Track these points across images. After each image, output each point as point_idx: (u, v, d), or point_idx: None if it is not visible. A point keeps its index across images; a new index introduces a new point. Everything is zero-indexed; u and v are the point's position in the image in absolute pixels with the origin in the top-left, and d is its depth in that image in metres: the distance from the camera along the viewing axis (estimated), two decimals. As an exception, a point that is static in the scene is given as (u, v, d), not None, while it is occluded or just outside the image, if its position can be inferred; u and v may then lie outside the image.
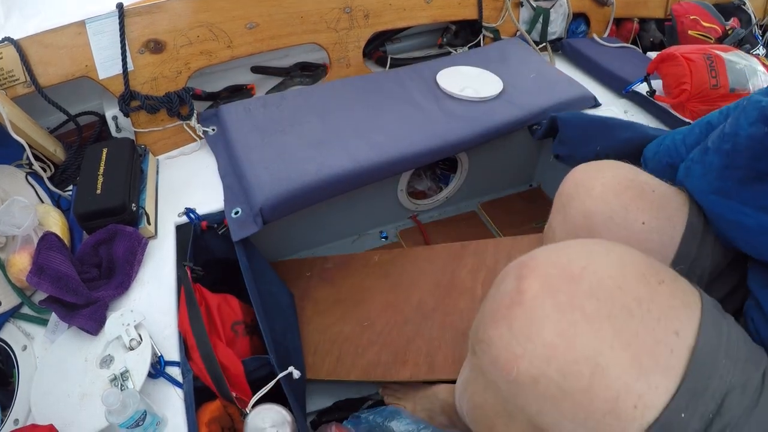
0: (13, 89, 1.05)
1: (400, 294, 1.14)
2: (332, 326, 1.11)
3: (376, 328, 1.08)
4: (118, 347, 0.77)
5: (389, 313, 1.10)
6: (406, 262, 1.21)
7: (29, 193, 1.02)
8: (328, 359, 1.05)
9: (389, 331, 1.07)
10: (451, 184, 1.47)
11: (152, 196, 1.04)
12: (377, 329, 1.08)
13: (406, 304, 1.11)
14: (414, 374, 0.99)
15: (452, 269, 1.15)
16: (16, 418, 0.73)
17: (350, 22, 1.31)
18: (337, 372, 1.03)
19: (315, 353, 1.07)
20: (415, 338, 1.04)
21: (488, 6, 1.47)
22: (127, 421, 0.64)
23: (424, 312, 1.08)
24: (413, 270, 1.19)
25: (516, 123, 1.19)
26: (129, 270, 0.89)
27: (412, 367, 1.00)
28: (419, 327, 1.06)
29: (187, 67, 1.17)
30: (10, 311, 0.86)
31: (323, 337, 1.10)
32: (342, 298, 1.17)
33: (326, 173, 1.01)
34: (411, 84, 1.29)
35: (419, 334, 1.04)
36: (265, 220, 0.97)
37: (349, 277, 1.22)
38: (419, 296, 1.12)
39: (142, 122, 1.15)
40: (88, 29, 1.07)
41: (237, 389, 0.77)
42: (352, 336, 1.08)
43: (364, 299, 1.15)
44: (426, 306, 1.09)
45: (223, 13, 1.18)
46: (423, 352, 1.01)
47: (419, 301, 1.11)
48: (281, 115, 1.17)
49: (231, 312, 0.91)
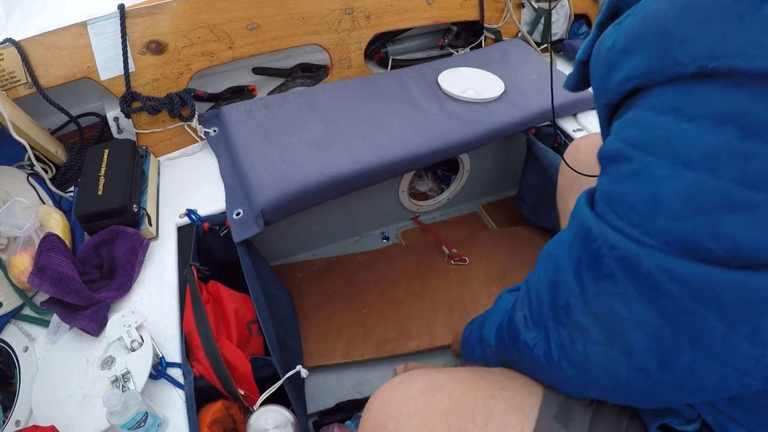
0: (14, 90, 1.05)
1: (388, 283, 1.31)
2: (334, 316, 1.22)
3: (375, 312, 1.23)
4: (119, 348, 0.76)
5: (384, 300, 1.26)
6: (386, 258, 1.38)
7: (31, 194, 1.02)
8: (339, 344, 1.17)
9: (388, 313, 1.23)
10: (452, 186, 1.48)
11: (153, 197, 1.04)
12: (377, 313, 1.23)
13: (397, 291, 1.28)
14: (419, 345, 1.16)
15: (428, 259, 1.37)
16: (17, 419, 0.73)
17: (351, 24, 1.31)
18: (350, 354, 1.16)
19: (325, 341, 1.18)
20: (412, 315, 1.22)
21: (490, 7, 1.47)
22: (129, 422, 0.64)
23: (414, 294, 1.27)
24: (395, 263, 1.36)
25: (517, 124, 1.19)
26: (130, 271, 0.89)
27: (417, 339, 1.17)
28: (413, 306, 1.24)
29: (189, 68, 1.17)
30: (11, 312, 0.86)
31: (328, 326, 1.20)
32: (336, 293, 1.29)
33: (328, 174, 1.01)
34: (412, 85, 1.29)
35: (415, 311, 1.23)
36: (266, 222, 0.97)
37: (338, 275, 1.33)
38: (406, 283, 1.30)
39: (143, 123, 1.15)
40: (90, 30, 1.07)
41: (244, 388, 0.77)
42: (356, 322, 1.21)
43: (357, 291, 1.29)
44: (414, 289, 1.29)
45: (225, 14, 1.18)
46: (423, 325, 1.20)
47: (407, 286, 1.30)
48: (283, 117, 1.17)
49: (248, 310, 0.91)
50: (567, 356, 0.53)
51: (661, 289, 0.42)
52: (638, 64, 0.42)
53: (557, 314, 0.53)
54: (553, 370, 0.56)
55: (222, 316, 0.86)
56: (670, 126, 0.40)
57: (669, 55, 0.39)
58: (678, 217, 0.40)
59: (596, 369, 0.50)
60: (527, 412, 0.60)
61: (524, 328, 0.60)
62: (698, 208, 0.39)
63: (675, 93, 0.40)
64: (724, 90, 0.37)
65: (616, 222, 0.45)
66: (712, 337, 0.41)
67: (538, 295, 0.57)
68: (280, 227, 1.20)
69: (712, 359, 0.42)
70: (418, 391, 0.63)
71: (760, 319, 0.39)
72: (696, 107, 0.38)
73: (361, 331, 1.19)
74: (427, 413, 0.61)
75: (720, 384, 0.44)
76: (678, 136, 0.39)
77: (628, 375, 0.48)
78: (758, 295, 0.38)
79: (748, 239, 0.37)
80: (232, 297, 0.89)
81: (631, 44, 0.43)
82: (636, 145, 0.43)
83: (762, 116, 0.35)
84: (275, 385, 0.78)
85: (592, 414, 0.59)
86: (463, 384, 0.64)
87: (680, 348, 0.43)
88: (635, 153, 0.43)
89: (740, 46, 0.35)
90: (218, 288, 0.89)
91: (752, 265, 0.38)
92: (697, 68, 0.37)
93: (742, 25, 0.35)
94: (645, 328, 0.45)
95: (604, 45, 0.48)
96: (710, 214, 0.38)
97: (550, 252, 0.57)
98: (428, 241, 1.43)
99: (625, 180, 0.44)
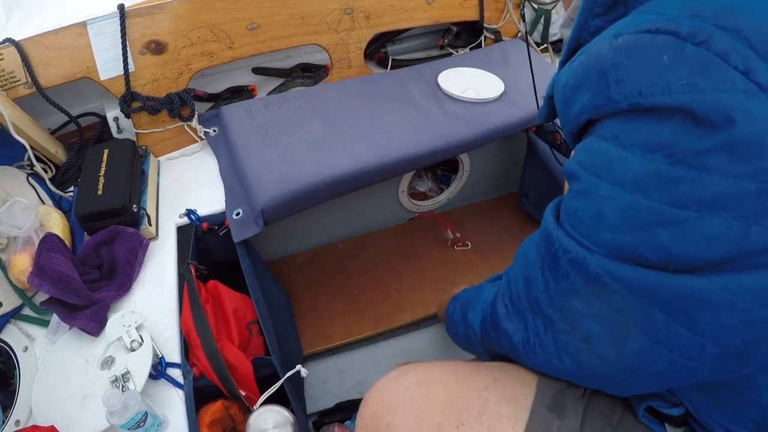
0: (14, 90, 1.05)
1: (373, 268, 1.36)
2: (328, 303, 1.27)
3: (366, 294, 1.29)
4: (119, 348, 0.76)
5: (372, 282, 1.32)
6: (367, 244, 1.43)
7: (30, 194, 1.02)
8: (337, 327, 1.22)
9: (379, 293, 1.30)
10: (452, 186, 1.47)
11: (153, 197, 1.04)
12: (368, 295, 1.29)
13: (383, 273, 1.35)
14: (413, 315, 1.24)
15: (407, 241, 1.43)
16: (17, 419, 0.73)
17: (351, 24, 1.31)
18: (350, 334, 1.20)
19: (323, 327, 1.22)
20: (402, 292, 1.29)
21: (489, 7, 1.47)
22: (129, 422, 0.64)
23: (398, 273, 1.34)
24: (377, 249, 1.41)
25: (517, 124, 1.19)
26: (130, 271, 0.89)
27: (410, 311, 1.25)
28: (400, 284, 1.31)
29: (189, 68, 1.17)
30: (11, 312, 0.86)
31: (324, 311, 1.25)
32: (325, 282, 1.33)
33: (327, 174, 1.01)
34: (412, 85, 1.29)
35: (403, 288, 1.30)
36: (266, 221, 0.97)
37: (323, 265, 1.37)
38: (389, 265, 1.37)
39: (143, 123, 1.15)
40: (89, 30, 1.07)
41: (245, 388, 0.77)
42: (349, 305, 1.27)
43: (345, 277, 1.34)
44: (398, 269, 1.36)
45: (225, 14, 1.18)
46: (413, 298, 1.28)
47: (391, 268, 1.36)
48: (282, 117, 1.17)
49: (248, 311, 0.91)
50: (541, 342, 0.58)
51: (607, 288, 0.48)
52: (586, 100, 0.48)
53: (532, 305, 0.59)
54: (530, 355, 0.60)
55: (222, 317, 0.86)
56: (610, 152, 0.46)
57: (607, 94, 0.45)
58: (617, 230, 0.46)
59: (564, 355, 0.56)
60: (521, 403, 0.61)
61: (504, 317, 0.65)
62: (634, 224, 0.45)
63: (616, 124, 0.46)
64: (655, 123, 0.42)
65: (570, 230, 0.52)
66: (657, 324, 0.47)
67: (517, 289, 0.62)
68: (279, 227, 1.20)
69: (659, 345, 0.47)
70: (414, 383, 0.66)
71: (694, 313, 0.45)
72: (630, 137, 0.44)
73: (357, 312, 1.25)
74: (422, 405, 0.63)
75: (671, 369, 0.49)
76: (617, 161, 0.46)
77: (589, 361, 0.53)
78: (689, 293, 0.44)
79: (677, 249, 0.43)
80: (232, 297, 0.89)
81: (579, 83, 0.49)
82: (585, 167, 0.49)
83: (686, 146, 0.41)
84: (275, 386, 0.78)
85: (585, 404, 0.61)
86: (458, 376, 0.66)
87: (629, 333, 0.49)
88: (584, 173, 0.49)
89: (666, 85, 0.41)
90: (218, 288, 0.89)
91: (683, 269, 0.44)
92: (629, 105, 0.43)
93: (668, 66, 0.40)
94: (598, 319, 0.51)
95: (560, 82, 0.54)
96: (644, 230, 0.44)
97: (524, 249, 0.63)
98: (404, 226, 1.49)
99: (576, 196, 0.51)
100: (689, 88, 0.39)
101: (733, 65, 0.38)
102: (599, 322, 0.51)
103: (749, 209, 0.40)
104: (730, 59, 0.38)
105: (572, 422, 0.59)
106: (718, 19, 0.39)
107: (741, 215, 0.40)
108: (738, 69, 0.38)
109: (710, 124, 0.39)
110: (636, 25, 0.44)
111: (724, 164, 0.39)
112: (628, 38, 0.44)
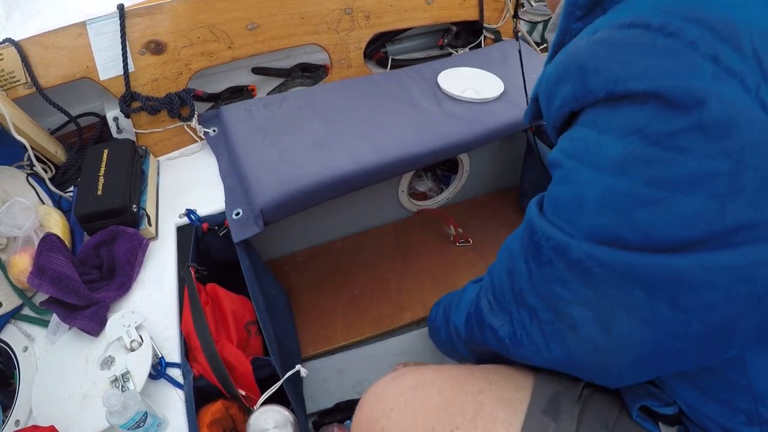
0: (14, 90, 1.05)
1: (372, 266, 1.35)
2: (328, 303, 1.26)
3: (366, 293, 1.28)
4: (119, 348, 0.76)
5: (372, 281, 1.31)
6: (366, 242, 1.43)
7: (30, 194, 1.02)
8: (338, 327, 1.21)
9: (378, 292, 1.29)
10: (452, 186, 1.48)
11: (153, 197, 1.04)
12: (368, 294, 1.28)
13: (382, 272, 1.34)
14: (413, 315, 1.22)
15: (406, 240, 1.43)
16: (17, 419, 0.73)
17: (351, 23, 1.31)
18: (351, 335, 1.19)
19: (324, 327, 1.21)
20: (402, 291, 1.28)
21: (489, 7, 1.47)
22: (128, 422, 0.64)
23: (398, 272, 1.33)
24: (375, 246, 1.41)
25: (517, 124, 1.19)
26: (130, 271, 0.89)
27: (410, 310, 1.23)
28: (400, 282, 1.30)
29: (188, 68, 1.17)
30: (11, 312, 0.86)
31: (324, 312, 1.24)
32: (325, 281, 1.32)
33: (327, 174, 1.01)
34: (412, 85, 1.29)
35: (403, 287, 1.29)
36: (266, 221, 0.97)
37: (322, 264, 1.37)
38: (388, 263, 1.36)
39: (142, 123, 1.15)
40: (89, 30, 1.07)
41: (245, 388, 0.77)
42: (349, 304, 1.26)
43: (345, 276, 1.33)
44: (398, 267, 1.35)
45: (224, 14, 1.18)
46: (412, 297, 1.26)
47: (390, 266, 1.35)
48: (282, 116, 1.17)
49: (246, 312, 0.91)
50: (528, 334, 0.59)
51: (590, 272, 0.49)
52: (567, 92, 0.50)
53: (516, 298, 0.60)
54: (518, 348, 0.61)
55: (221, 319, 0.86)
56: (589, 138, 0.48)
57: (585, 85, 0.47)
58: (597, 214, 0.48)
59: (551, 344, 0.57)
60: (516, 407, 0.62)
61: (489, 312, 0.66)
62: (613, 206, 0.46)
63: (595, 112, 0.48)
64: (631, 108, 0.44)
65: (552, 218, 0.53)
66: (641, 304, 0.48)
67: (501, 284, 0.63)
68: (279, 227, 1.20)
69: (645, 325, 0.48)
70: (409, 387, 0.66)
71: (675, 291, 0.46)
72: (607, 122, 0.46)
73: (357, 312, 1.24)
74: (417, 408, 0.63)
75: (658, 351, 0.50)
76: (595, 146, 0.47)
77: (577, 347, 0.54)
78: (669, 272, 0.45)
79: (654, 229, 0.44)
80: (230, 299, 0.89)
81: (561, 76, 0.51)
82: (567, 154, 0.51)
83: (660, 128, 0.42)
84: (275, 386, 0.78)
85: (581, 408, 0.61)
86: (452, 380, 0.66)
87: (615, 316, 0.50)
88: (566, 160, 0.51)
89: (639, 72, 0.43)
90: (216, 290, 0.89)
91: (662, 249, 0.45)
92: (606, 93, 0.45)
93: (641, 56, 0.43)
94: (583, 304, 0.52)
95: (543, 78, 0.57)
96: (623, 212, 0.46)
97: (507, 244, 0.64)
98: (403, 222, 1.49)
99: (558, 183, 0.53)
100: (661, 74, 0.41)
101: (702, 52, 0.40)
102: (584, 307, 0.52)
103: (722, 188, 0.41)
104: (699, 47, 0.40)
105: (568, 425, 0.59)
106: (686, 13, 0.42)
107: (715, 194, 0.41)
108: (706, 56, 0.40)
109: (682, 106, 0.41)
110: (612, 22, 0.47)
111: (697, 144, 0.41)
112: (604, 33, 0.46)
